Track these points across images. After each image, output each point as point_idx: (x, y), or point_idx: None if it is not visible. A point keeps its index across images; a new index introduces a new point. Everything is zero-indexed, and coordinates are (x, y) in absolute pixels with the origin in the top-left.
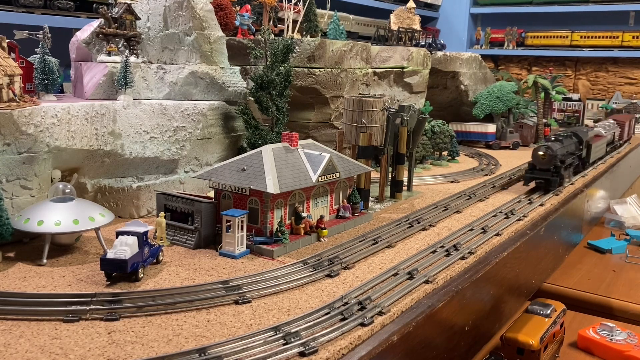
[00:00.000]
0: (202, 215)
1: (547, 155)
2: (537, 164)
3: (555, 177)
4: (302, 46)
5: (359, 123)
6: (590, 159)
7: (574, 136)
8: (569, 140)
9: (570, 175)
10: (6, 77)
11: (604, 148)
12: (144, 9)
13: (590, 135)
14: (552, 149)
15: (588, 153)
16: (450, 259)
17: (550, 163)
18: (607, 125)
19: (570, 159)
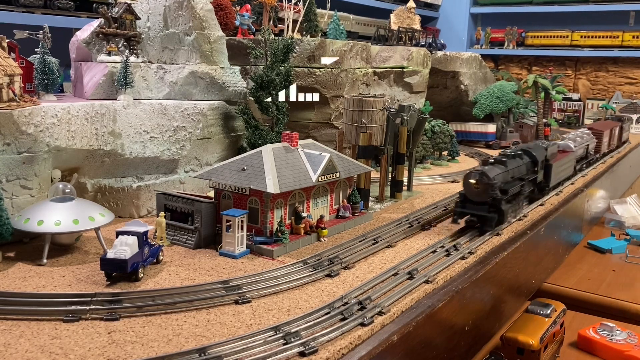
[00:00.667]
0: (202, 215)
1: (481, 184)
2: (469, 195)
3: (493, 213)
4: (302, 46)
5: (359, 123)
6: (550, 182)
7: (526, 155)
8: (516, 162)
9: (520, 208)
10: (6, 77)
11: (571, 166)
12: (144, 8)
13: (551, 152)
14: (487, 175)
15: (547, 175)
16: (450, 259)
17: (485, 195)
18: (579, 137)
19: (518, 187)
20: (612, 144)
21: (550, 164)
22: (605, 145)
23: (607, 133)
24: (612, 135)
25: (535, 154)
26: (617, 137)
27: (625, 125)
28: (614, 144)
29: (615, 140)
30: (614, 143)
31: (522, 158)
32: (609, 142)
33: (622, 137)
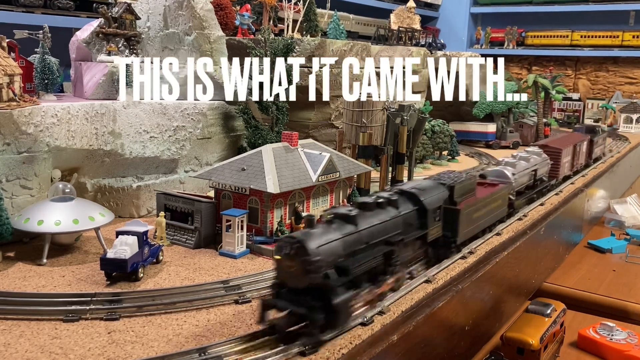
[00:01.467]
0: (202, 215)
1: (296, 263)
2: (282, 277)
3: (318, 310)
4: (302, 46)
5: (359, 123)
6: (458, 236)
7: (405, 200)
8: (378, 215)
9: (376, 287)
10: (6, 77)
11: (504, 204)
12: (144, 8)
13: (463, 190)
14: (304, 248)
15: (452, 227)
16: (450, 258)
17: (304, 279)
18: (524, 160)
19: (380, 257)
20: (578, 163)
21: (456, 209)
22: (567, 167)
23: (569, 151)
24: (577, 153)
25: (423, 198)
26: (585, 154)
27: (597, 138)
28: (580, 164)
29: (583, 158)
30: (581, 162)
31: (396, 206)
32: (571, 162)
33: (593, 154)
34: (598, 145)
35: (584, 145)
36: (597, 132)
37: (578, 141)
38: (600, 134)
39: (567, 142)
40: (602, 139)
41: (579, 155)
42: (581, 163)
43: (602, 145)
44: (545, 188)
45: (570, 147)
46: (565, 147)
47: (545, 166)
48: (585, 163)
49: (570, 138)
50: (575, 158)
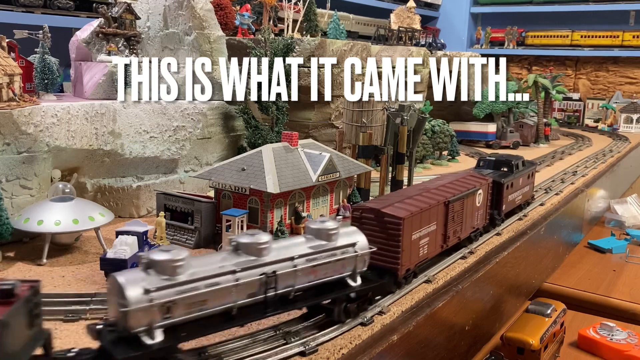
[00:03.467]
0: (202, 215)
1: None
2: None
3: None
4: (302, 45)
5: (359, 122)
6: None
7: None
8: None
9: None
10: (6, 77)
11: None
12: (144, 8)
13: None
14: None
15: None
16: (450, 258)
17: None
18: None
19: None
20: (463, 231)
21: None
22: (423, 251)
23: (426, 219)
24: (457, 215)
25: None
26: (484, 211)
27: (513, 178)
28: (473, 228)
29: (478, 219)
30: (474, 225)
31: None
32: (441, 236)
33: (504, 204)
34: (516, 189)
35: (476, 198)
36: (515, 166)
37: (457, 194)
38: (522, 168)
39: (430, 197)
40: (526, 176)
41: (464, 217)
42: (476, 227)
43: (528, 185)
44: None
45: (433, 210)
46: (415, 210)
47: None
48: (485, 224)
49: (449, 187)
50: (453, 226)
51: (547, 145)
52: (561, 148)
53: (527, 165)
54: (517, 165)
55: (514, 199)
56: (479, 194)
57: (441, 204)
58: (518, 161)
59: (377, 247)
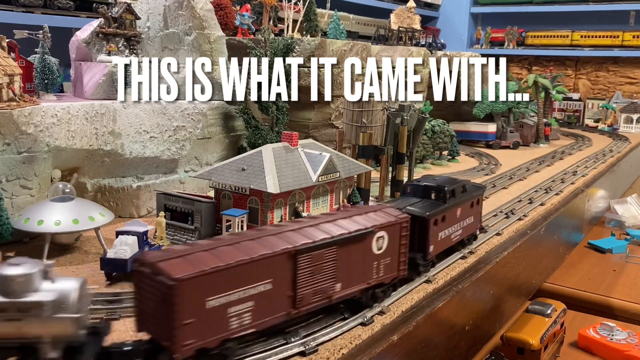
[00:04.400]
0: (202, 215)
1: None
2: None
3: None
4: (302, 46)
5: (359, 122)
6: None
7: None
8: None
9: None
10: (6, 77)
11: None
12: (144, 8)
13: None
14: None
15: None
16: (450, 258)
17: None
18: None
19: None
20: (296, 309)
21: None
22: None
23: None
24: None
25: None
26: (387, 267)
27: (442, 211)
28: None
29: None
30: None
31: None
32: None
33: (430, 248)
34: (451, 223)
35: (372, 244)
36: (448, 194)
37: (321, 240)
38: (460, 195)
39: (262, 246)
40: (468, 205)
41: (342, 270)
42: (376, 281)
43: (471, 216)
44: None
45: (264, 265)
46: (213, 267)
47: None
48: (398, 275)
49: (314, 230)
50: (313, 284)
51: (547, 145)
52: (561, 148)
53: (470, 190)
54: (451, 192)
55: (449, 235)
56: (379, 238)
57: (282, 255)
58: (454, 186)
59: (153, 314)
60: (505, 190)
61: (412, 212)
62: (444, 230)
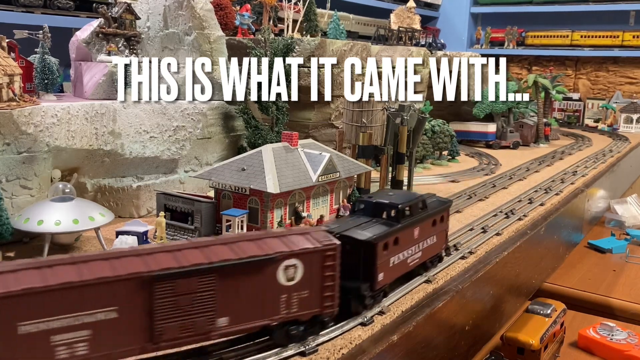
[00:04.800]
0: (202, 215)
1: None
2: None
3: None
4: (302, 46)
5: (359, 122)
6: None
7: None
8: None
9: None
10: (6, 77)
11: None
12: (144, 8)
13: None
14: None
15: None
16: (451, 258)
17: None
18: None
19: None
20: (155, 343)
21: None
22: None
23: None
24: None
25: None
26: (306, 301)
27: (403, 233)
28: None
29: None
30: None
31: None
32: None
33: (378, 277)
34: (407, 246)
35: (277, 274)
36: (403, 212)
37: (193, 264)
38: (420, 212)
39: (108, 268)
40: (429, 223)
41: (228, 304)
42: (284, 318)
43: (434, 235)
44: None
45: (99, 291)
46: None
47: None
48: (328, 311)
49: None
50: (181, 318)
51: (547, 145)
52: (561, 148)
53: (433, 206)
54: (407, 209)
55: (404, 260)
56: (289, 268)
57: (131, 280)
58: (410, 203)
59: None
60: (505, 190)
61: (355, 236)
62: (397, 254)
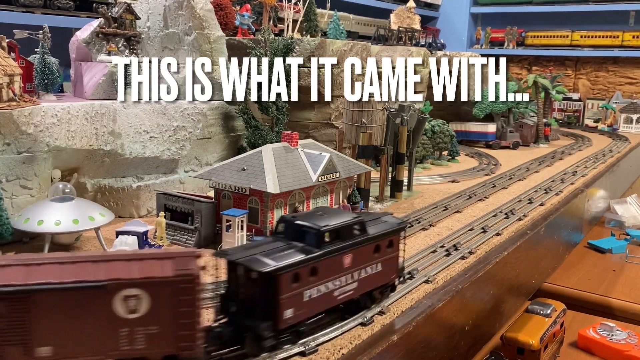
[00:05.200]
0: (202, 215)
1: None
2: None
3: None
4: (302, 46)
5: (359, 123)
6: None
7: None
8: None
9: None
10: (6, 77)
11: None
12: (144, 8)
13: None
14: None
15: None
16: (450, 258)
17: None
18: None
19: None
20: None
21: None
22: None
23: None
24: None
25: None
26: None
27: (322, 261)
28: None
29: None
30: None
31: None
32: None
33: (283, 315)
34: (332, 275)
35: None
36: (323, 236)
37: None
38: (354, 237)
39: None
40: (370, 250)
41: None
42: None
43: (377, 263)
44: None
45: None
46: None
47: None
48: None
49: None
50: None
51: (547, 145)
52: (561, 148)
53: (377, 230)
54: (335, 233)
55: (330, 293)
56: (130, 298)
57: None
58: (340, 226)
59: None
60: (505, 191)
61: (252, 265)
62: (316, 286)
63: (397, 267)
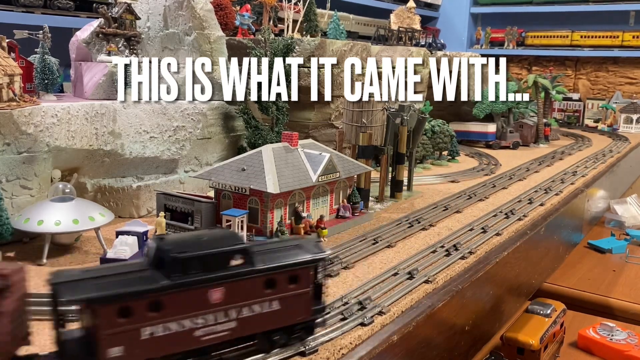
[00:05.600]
0: (202, 215)
1: None
2: None
3: None
4: (302, 46)
5: (359, 123)
6: None
7: None
8: None
9: None
10: (6, 77)
11: None
12: (144, 8)
13: None
14: None
15: None
16: (450, 258)
17: None
18: None
19: None
20: None
21: None
22: None
23: None
24: None
25: None
26: None
27: (172, 294)
28: None
29: None
30: None
31: None
32: None
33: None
34: (191, 313)
35: None
36: (180, 264)
37: None
38: (231, 268)
39: None
40: (260, 284)
41: None
42: None
43: (273, 300)
44: None
45: None
46: None
47: None
48: None
49: None
50: None
51: (547, 145)
52: (561, 148)
53: (278, 260)
54: (195, 261)
55: (188, 332)
56: None
57: None
58: (204, 253)
59: None
60: (505, 191)
61: (60, 291)
62: (161, 323)
63: (308, 305)
